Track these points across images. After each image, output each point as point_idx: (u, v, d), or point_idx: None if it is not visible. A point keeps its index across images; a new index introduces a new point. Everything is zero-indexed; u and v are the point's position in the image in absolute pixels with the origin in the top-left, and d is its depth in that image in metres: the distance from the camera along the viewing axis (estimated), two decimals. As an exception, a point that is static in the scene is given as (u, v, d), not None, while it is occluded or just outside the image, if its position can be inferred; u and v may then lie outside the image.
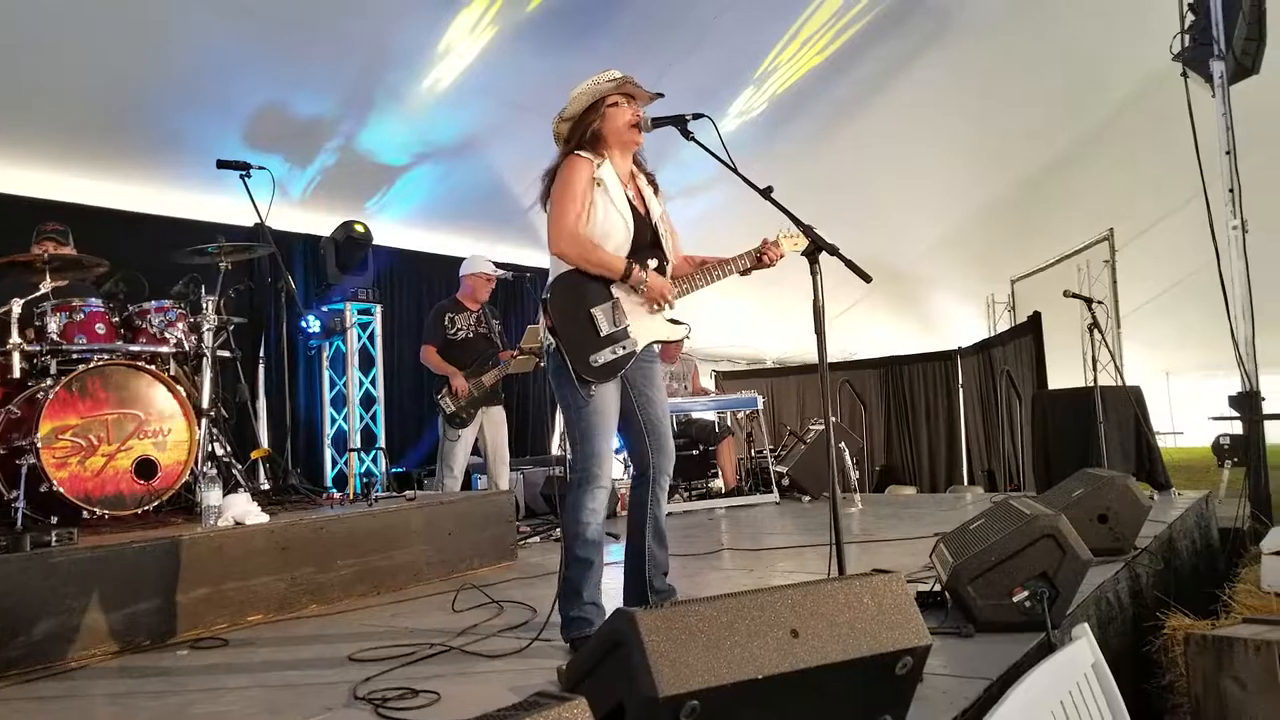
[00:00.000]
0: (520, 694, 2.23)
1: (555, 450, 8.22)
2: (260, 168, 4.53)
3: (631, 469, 3.06)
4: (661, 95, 2.85)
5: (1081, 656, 2.37)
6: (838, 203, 10.56)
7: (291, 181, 6.04)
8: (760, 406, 6.86)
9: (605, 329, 2.72)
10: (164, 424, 3.87)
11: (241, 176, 4.50)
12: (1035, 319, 8.16)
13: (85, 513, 3.62)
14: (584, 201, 2.72)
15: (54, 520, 3.52)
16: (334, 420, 6.07)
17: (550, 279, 2.77)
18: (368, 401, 6.23)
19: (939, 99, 8.80)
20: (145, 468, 3.80)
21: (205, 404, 4.10)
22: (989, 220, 11.62)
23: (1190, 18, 6.48)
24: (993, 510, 2.99)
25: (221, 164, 4.53)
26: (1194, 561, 4.94)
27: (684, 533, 5.31)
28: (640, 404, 2.87)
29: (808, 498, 6.66)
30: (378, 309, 6.26)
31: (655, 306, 2.79)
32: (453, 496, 4.68)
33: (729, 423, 7.54)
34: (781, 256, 2.85)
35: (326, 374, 6.16)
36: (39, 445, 3.49)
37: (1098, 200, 10.76)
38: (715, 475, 6.78)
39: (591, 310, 2.71)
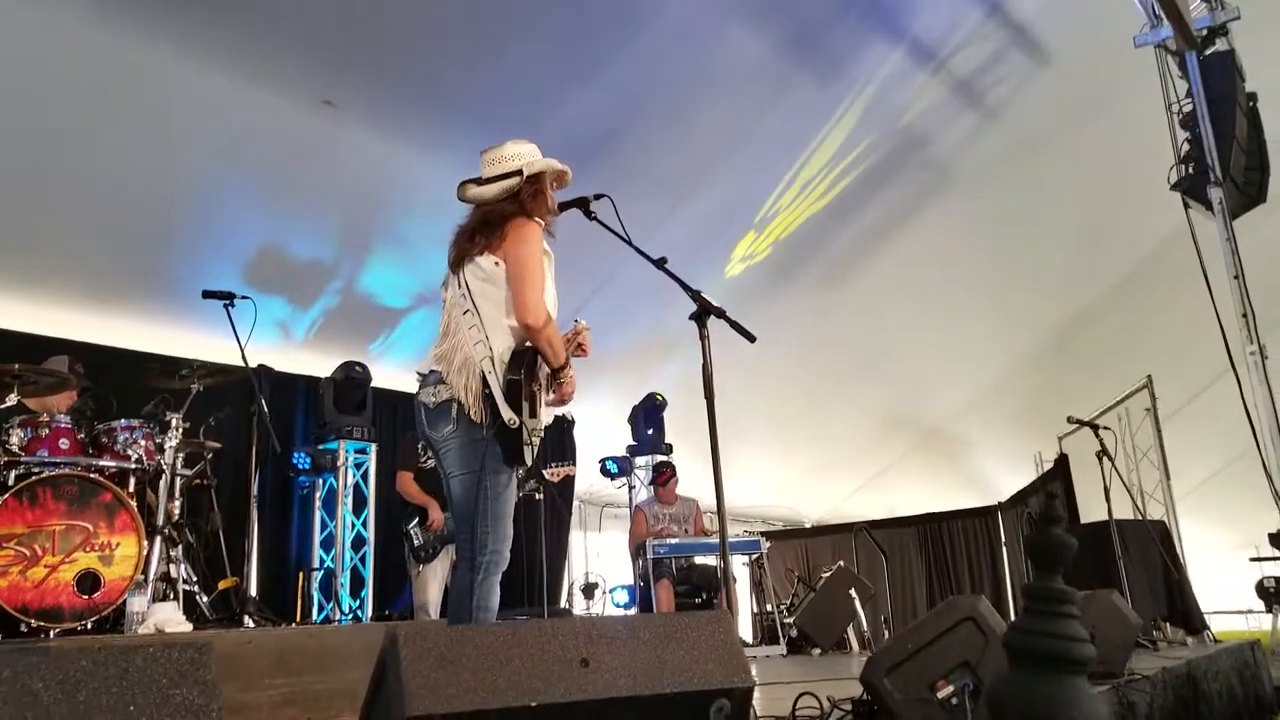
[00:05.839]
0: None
1: (564, 602, 7.89)
2: (244, 297, 4.71)
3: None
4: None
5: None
6: (857, 356, 10.40)
7: (295, 323, 6.24)
8: (764, 550, 6.54)
9: (535, 413, 2.65)
10: (113, 538, 3.86)
11: (225, 306, 4.68)
12: (1062, 461, 7.87)
13: (22, 625, 3.57)
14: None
15: (-2, 636, 3.48)
16: (322, 561, 5.94)
17: (508, 352, 2.61)
18: (359, 543, 6.12)
19: (949, 252, 8.78)
20: (88, 581, 3.76)
21: (160, 521, 4.08)
22: (1025, 376, 11.32)
23: (1185, 147, 6.47)
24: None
25: (207, 294, 4.73)
26: (1232, 711, 4.41)
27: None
28: None
29: (818, 650, 6.19)
30: (373, 448, 6.25)
31: (552, 396, 2.72)
32: (402, 624, 4.49)
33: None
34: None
35: (318, 513, 6.10)
36: (-22, 552, 3.50)
37: (1139, 349, 10.46)
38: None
39: (534, 390, 2.64)
